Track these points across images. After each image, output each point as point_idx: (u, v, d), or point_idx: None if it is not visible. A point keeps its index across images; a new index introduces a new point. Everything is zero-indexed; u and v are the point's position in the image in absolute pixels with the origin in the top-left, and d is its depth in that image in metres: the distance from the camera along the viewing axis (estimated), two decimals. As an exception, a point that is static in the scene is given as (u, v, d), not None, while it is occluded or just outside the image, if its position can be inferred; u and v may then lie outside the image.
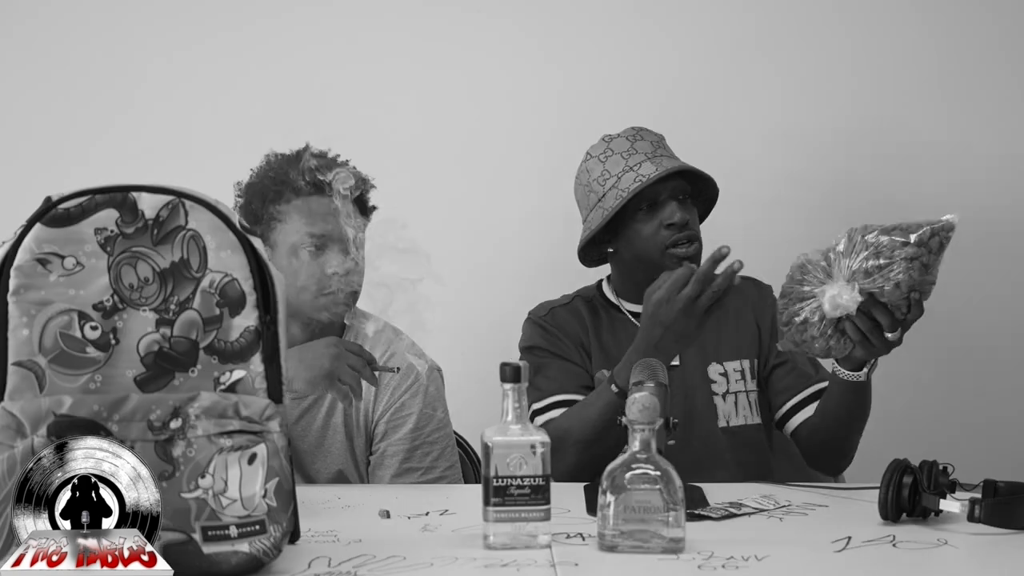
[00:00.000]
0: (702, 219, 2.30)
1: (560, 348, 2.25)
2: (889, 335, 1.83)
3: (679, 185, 2.19)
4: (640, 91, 2.86)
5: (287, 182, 2.12)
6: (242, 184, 2.20)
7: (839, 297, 1.80)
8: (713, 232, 2.28)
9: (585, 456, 2.02)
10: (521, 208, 2.87)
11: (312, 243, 2.10)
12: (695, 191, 2.25)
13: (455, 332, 2.69)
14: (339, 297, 2.13)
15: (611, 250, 2.27)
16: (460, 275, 2.84)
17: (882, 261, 1.78)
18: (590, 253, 2.32)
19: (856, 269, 1.79)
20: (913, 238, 1.78)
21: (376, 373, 2.02)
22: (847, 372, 1.98)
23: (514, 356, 2.22)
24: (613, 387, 2.00)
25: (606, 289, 2.34)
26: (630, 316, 2.28)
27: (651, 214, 2.18)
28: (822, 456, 2.18)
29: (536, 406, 2.19)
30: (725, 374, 2.24)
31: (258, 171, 2.18)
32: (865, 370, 1.99)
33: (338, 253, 2.11)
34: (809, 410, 2.17)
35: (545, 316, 2.29)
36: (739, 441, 2.22)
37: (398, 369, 2.11)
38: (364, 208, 2.18)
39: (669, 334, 1.95)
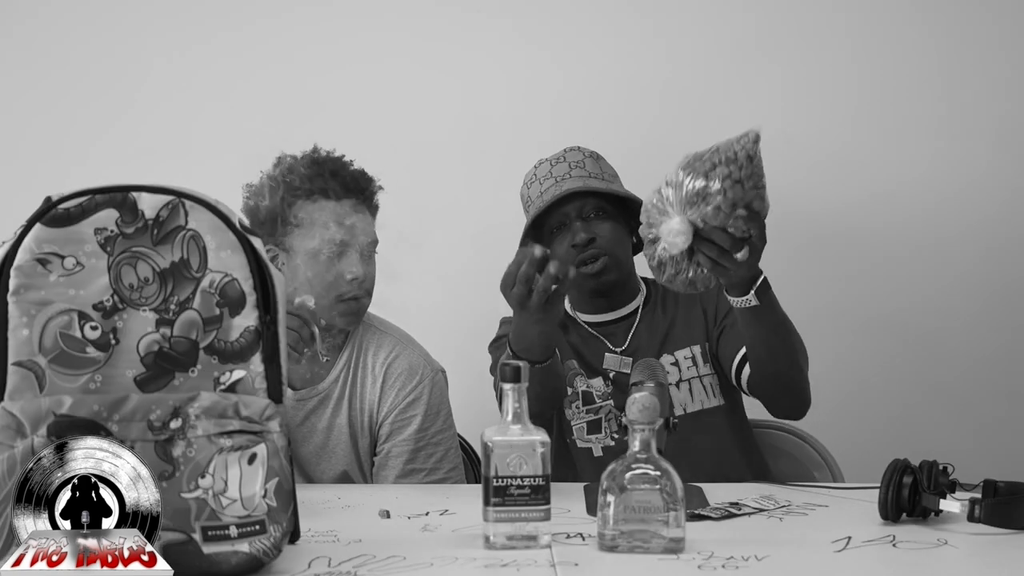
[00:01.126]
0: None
1: None
2: (737, 255, 1.81)
3: (586, 204, 2.24)
4: (639, 92, 2.86)
5: (305, 187, 2.12)
6: (253, 186, 2.18)
7: (671, 232, 1.80)
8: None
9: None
10: (520, 209, 2.86)
11: (333, 249, 2.12)
12: (624, 208, 2.26)
13: (455, 332, 2.70)
14: (356, 305, 2.14)
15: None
16: (460, 275, 2.86)
17: (698, 184, 1.77)
18: None
19: (681, 200, 1.78)
20: (719, 157, 1.78)
21: (315, 332, 2.01)
22: (737, 299, 1.95)
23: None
24: (508, 349, 1.99)
25: (569, 305, 2.37)
26: (587, 327, 2.33)
27: (562, 234, 2.26)
28: (773, 400, 2.16)
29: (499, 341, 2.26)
30: (676, 363, 2.26)
31: (271, 175, 2.17)
32: (752, 293, 1.92)
33: (357, 259, 2.13)
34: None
35: (507, 320, 2.33)
36: (699, 426, 2.23)
37: (325, 357, 2.14)
38: (373, 211, 2.20)
39: (521, 321, 1.93)
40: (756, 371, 2.11)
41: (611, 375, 2.27)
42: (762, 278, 1.94)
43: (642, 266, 2.32)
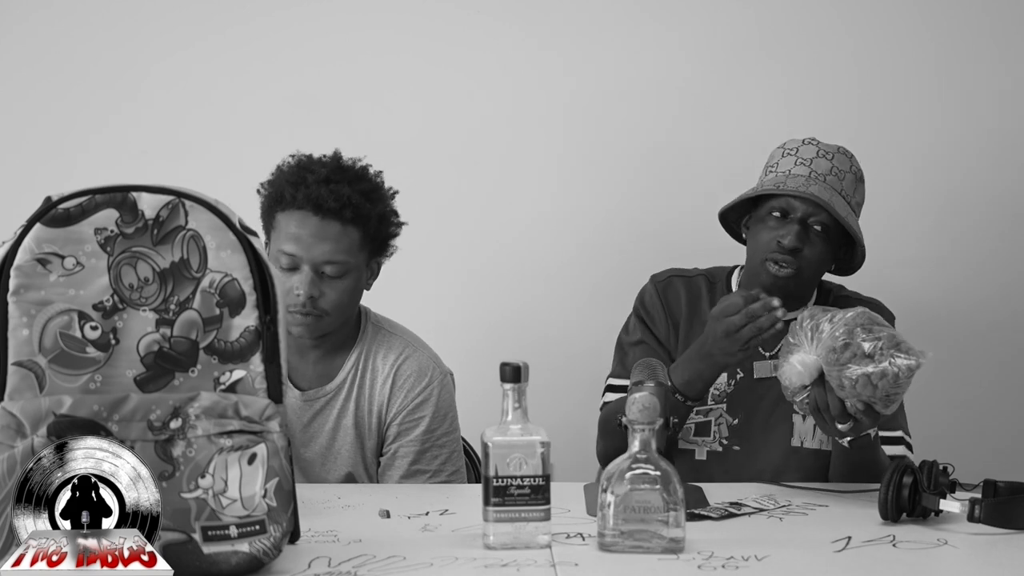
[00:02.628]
0: (847, 272, 2.25)
1: (654, 325, 2.24)
2: (840, 427, 1.82)
3: (818, 214, 2.12)
4: (645, 93, 2.85)
5: (283, 193, 2.10)
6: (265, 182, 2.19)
7: (797, 365, 1.81)
8: (719, 236, 2.27)
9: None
10: (524, 210, 2.86)
11: (285, 261, 2.08)
12: (842, 237, 2.18)
13: (456, 332, 2.70)
14: (306, 319, 2.08)
15: (744, 233, 2.26)
16: (462, 275, 2.86)
17: (844, 359, 1.76)
18: (735, 224, 2.29)
19: (827, 348, 1.77)
20: (882, 366, 1.75)
21: None
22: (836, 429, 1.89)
23: (514, 356, 2.22)
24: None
25: (734, 275, 2.30)
26: None
27: (778, 223, 2.14)
28: None
29: (613, 381, 2.21)
30: None
31: (275, 172, 2.16)
32: (844, 430, 1.87)
33: (307, 277, 2.06)
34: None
35: (661, 282, 2.28)
36: (807, 464, 2.16)
37: None
38: (368, 233, 2.12)
39: (714, 349, 1.97)
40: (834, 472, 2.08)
41: (738, 376, 2.18)
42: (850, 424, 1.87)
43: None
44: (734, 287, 2.28)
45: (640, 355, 2.15)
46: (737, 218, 2.25)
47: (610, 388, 2.22)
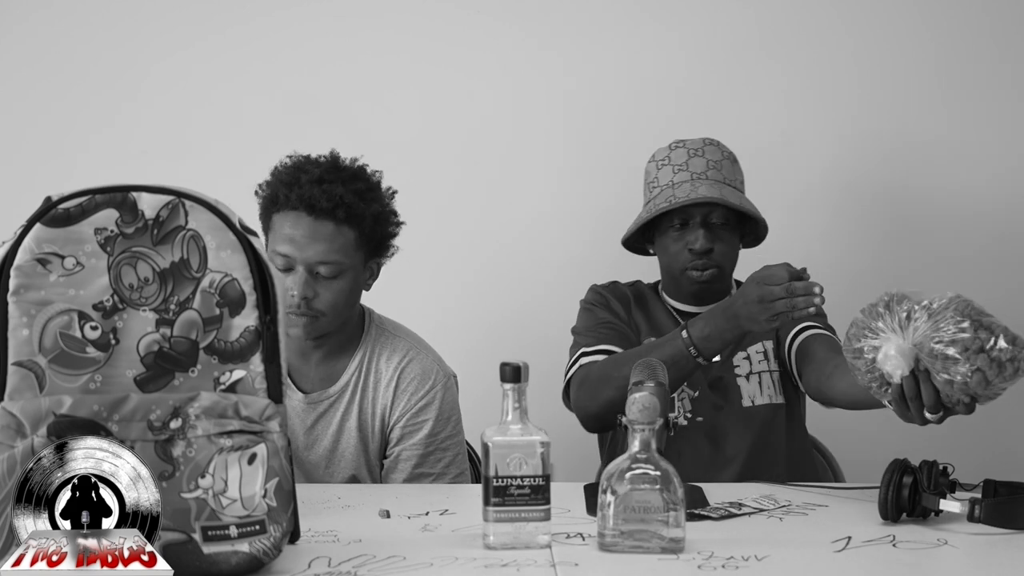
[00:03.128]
0: (754, 243, 2.34)
1: (615, 311, 2.33)
2: (930, 416, 1.70)
3: (715, 211, 2.23)
4: (644, 93, 2.86)
5: (278, 194, 2.09)
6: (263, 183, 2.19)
7: (892, 356, 1.68)
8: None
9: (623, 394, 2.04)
10: (524, 210, 2.87)
11: (280, 262, 2.07)
12: (743, 218, 2.27)
13: (456, 333, 2.70)
14: (302, 320, 2.08)
15: (651, 251, 2.36)
16: (462, 276, 2.86)
17: (953, 352, 1.63)
18: (636, 242, 2.38)
19: (925, 341, 1.65)
20: (993, 353, 1.64)
21: None
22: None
23: (514, 356, 2.22)
24: (684, 333, 2.04)
25: (660, 286, 2.40)
26: (672, 311, 2.34)
27: (681, 232, 2.25)
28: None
29: (586, 348, 2.24)
30: (748, 357, 2.29)
31: (272, 173, 2.16)
32: (932, 420, 1.73)
33: (302, 278, 2.06)
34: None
35: (607, 285, 2.38)
36: (760, 419, 2.26)
37: None
38: (363, 232, 2.11)
39: (742, 311, 1.98)
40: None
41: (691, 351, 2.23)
42: None
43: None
44: (662, 294, 2.37)
45: (610, 325, 2.27)
46: (639, 238, 2.34)
47: (586, 355, 2.24)
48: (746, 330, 2.03)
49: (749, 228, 2.30)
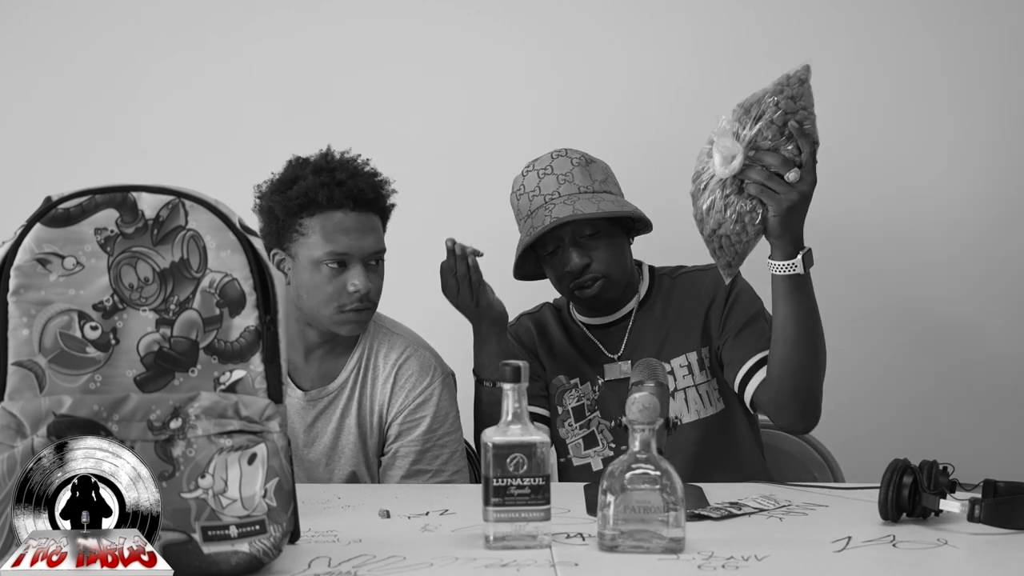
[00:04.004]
0: (647, 229, 2.27)
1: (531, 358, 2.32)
2: (788, 175, 1.81)
3: (577, 228, 2.19)
4: (641, 94, 2.86)
5: (310, 196, 2.08)
6: (261, 187, 2.17)
7: (723, 149, 1.82)
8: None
9: None
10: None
11: (334, 259, 2.09)
12: (616, 218, 2.22)
13: (455, 332, 2.69)
14: (359, 316, 2.12)
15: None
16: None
17: (753, 111, 1.82)
18: (537, 271, 2.36)
19: (728, 131, 1.83)
20: (767, 90, 1.84)
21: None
22: (781, 262, 1.91)
23: (513, 356, 2.22)
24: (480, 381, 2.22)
25: (569, 304, 2.38)
26: (584, 329, 2.33)
27: (555, 258, 2.23)
28: (783, 407, 2.06)
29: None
30: (672, 372, 2.22)
31: (281, 179, 2.14)
32: (799, 258, 1.90)
33: (360, 271, 2.09)
34: (763, 372, 2.10)
35: (512, 325, 2.34)
36: (696, 436, 2.20)
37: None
38: (386, 217, 2.17)
39: (475, 332, 2.22)
40: (777, 366, 2.01)
41: (599, 382, 2.26)
42: (807, 249, 1.91)
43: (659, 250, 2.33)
44: (572, 312, 2.36)
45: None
46: (538, 267, 2.33)
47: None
48: (480, 325, 2.20)
49: (629, 221, 2.24)
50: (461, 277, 2.13)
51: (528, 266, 2.32)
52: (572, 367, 2.29)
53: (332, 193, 2.08)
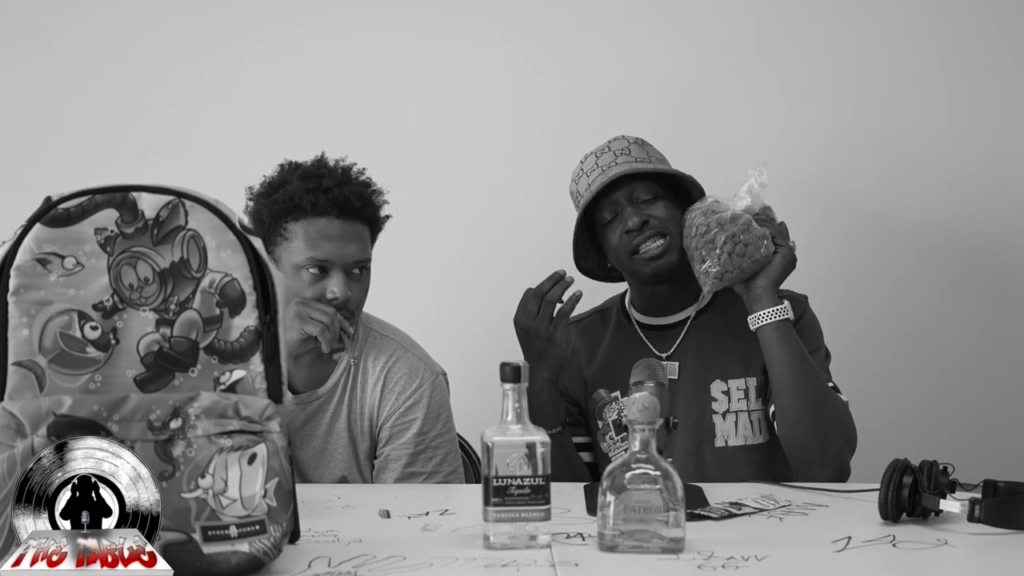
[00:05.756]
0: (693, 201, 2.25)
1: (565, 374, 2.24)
2: (790, 242, 2.13)
3: (636, 188, 2.19)
4: (639, 93, 2.86)
5: (295, 201, 2.09)
6: (253, 189, 2.17)
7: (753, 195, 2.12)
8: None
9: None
10: (521, 209, 2.86)
11: (315, 265, 2.08)
12: (675, 188, 2.24)
13: (455, 333, 2.70)
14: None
15: (610, 264, 2.31)
16: (460, 276, 2.86)
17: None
18: (598, 267, 2.35)
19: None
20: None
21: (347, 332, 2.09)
22: (770, 311, 2.08)
23: (513, 356, 2.22)
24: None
25: (628, 299, 2.34)
26: (637, 328, 2.28)
27: (614, 223, 2.21)
28: (803, 462, 2.10)
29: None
30: (728, 392, 2.20)
31: (270, 182, 2.15)
32: (786, 303, 2.10)
33: (340, 279, 2.08)
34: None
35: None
36: (736, 462, 2.18)
37: (355, 360, 2.14)
38: (376, 227, 2.16)
39: (528, 353, 2.08)
40: (782, 419, 2.07)
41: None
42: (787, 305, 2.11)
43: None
44: (629, 308, 2.31)
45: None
46: (601, 261, 2.32)
47: None
48: (538, 352, 2.08)
49: (684, 197, 2.24)
50: (550, 300, 2.06)
51: (588, 257, 2.31)
52: (614, 376, 2.22)
53: (317, 199, 2.07)
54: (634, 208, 2.19)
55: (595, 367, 2.27)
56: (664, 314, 2.27)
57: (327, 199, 2.08)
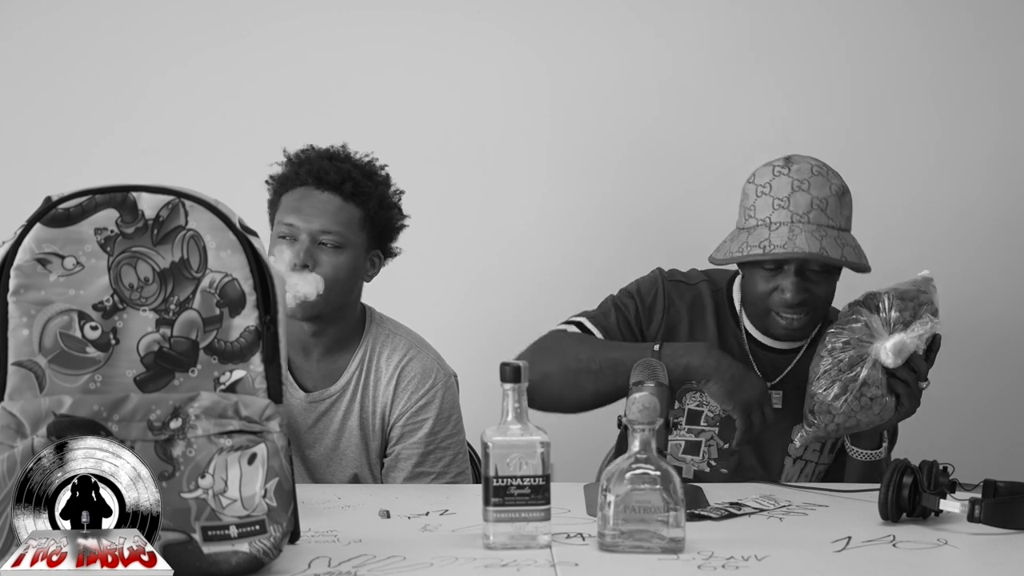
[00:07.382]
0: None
1: (642, 316, 2.17)
2: (922, 384, 2.02)
3: (810, 262, 2.03)
4: (638, 95, 2.86)
5: (287, 175, 2.15)
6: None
7: (897, 346, 1.97)
8: (708, 235, 2.26)
9: (560, 379, 2.05)
10: (523, 212, 2.87)
11: (282, 233, 2.10)
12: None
13: (456, 333, 2.70)
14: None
15: (738, 272, 2.18)
16: (462, 277, 2.86)
17: (907, 315, 2.02)
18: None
19: (895, 320, 2.00)
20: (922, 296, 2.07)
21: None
22: (867, 453, 2.06)
23: (514, 357, 2.22)
24: (656, 347, 2.00)
25: (735, 287, 2.20)
26: (745, 335, 2.17)
27: (773, 275, 2.05)
28: None
29: (574, 317, 2.15)
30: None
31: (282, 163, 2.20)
32: (884, 446, 2.07)
33: (303, 247, 2.06)
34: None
35: (666, 276, 2.20)
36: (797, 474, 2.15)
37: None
38: (368, 211, 2.13)
39: (727, 382, 1.96)
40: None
41: None
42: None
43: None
44: (736, 302, 2.18)
45: (619, 327, 2.14)
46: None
47: (578, 324, 2.14)
48: (704, 390, 2.01)
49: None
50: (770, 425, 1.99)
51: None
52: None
53: (298, 170, 2.12)
54: (798, 280, 2.03)
55: (696, 332, 2.16)
56: (781, 338, 2.15)
57: (307, 170, 2.11)
